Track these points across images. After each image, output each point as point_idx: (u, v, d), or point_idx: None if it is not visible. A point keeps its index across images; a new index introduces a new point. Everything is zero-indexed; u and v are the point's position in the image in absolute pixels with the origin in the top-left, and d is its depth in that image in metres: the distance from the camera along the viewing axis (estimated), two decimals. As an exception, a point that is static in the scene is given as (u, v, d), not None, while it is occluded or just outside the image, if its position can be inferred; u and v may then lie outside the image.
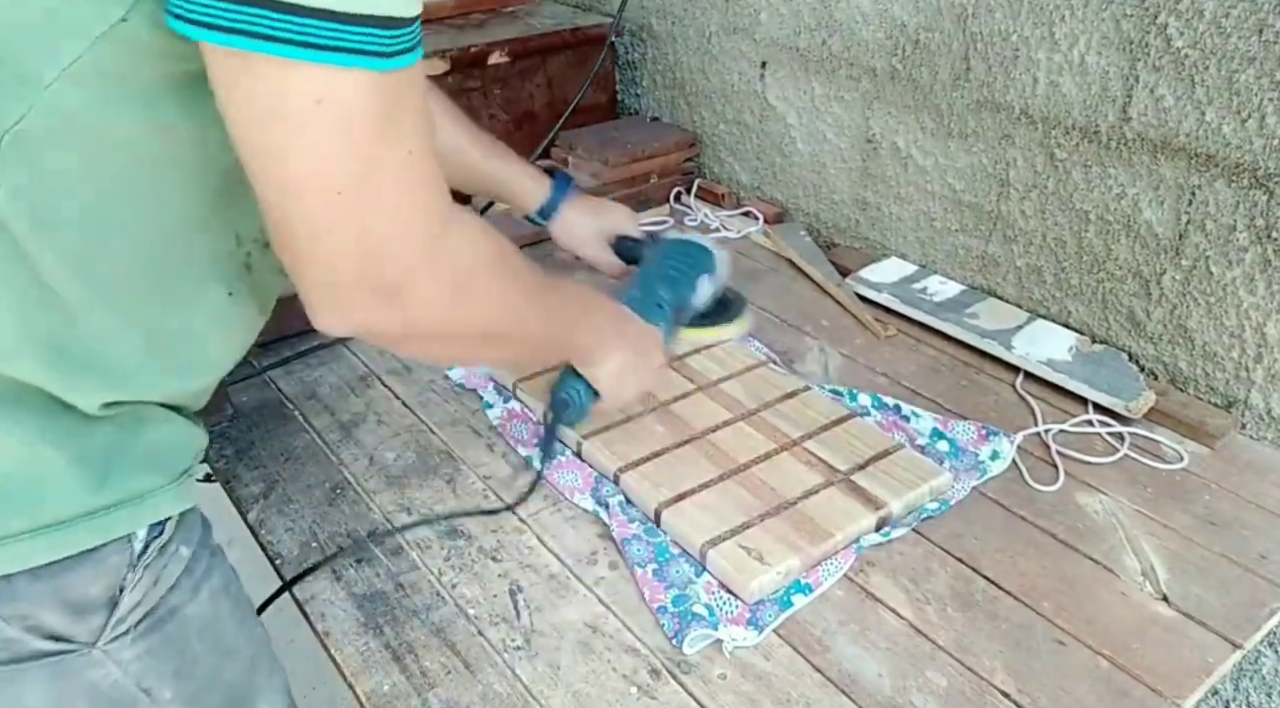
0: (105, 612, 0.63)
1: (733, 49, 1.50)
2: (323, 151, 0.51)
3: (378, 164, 0.53)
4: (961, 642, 0.77)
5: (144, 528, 0.64)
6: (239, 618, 0.73)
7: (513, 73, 1.56)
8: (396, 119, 0.52)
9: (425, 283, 0.58)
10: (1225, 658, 0.76)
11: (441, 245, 0.58)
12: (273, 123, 0.50)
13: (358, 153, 0.51)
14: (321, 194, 0.52)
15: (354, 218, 0.53)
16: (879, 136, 1.32)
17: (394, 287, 0.57)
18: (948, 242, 1.28)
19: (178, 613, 0.67)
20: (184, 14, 0.47)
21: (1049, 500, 0.92)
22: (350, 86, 0.49)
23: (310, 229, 0.53)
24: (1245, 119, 0.94)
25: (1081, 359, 1.10)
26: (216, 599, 0.71)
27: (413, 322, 0.60)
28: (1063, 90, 1.08)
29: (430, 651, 0.77)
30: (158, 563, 0.65)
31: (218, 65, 0.49)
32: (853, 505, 0.87)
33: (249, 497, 0.94)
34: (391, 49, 0.50)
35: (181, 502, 0.67)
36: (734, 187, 1.59)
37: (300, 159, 0.51)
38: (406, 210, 0.55)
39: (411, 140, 0.54)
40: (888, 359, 1.15)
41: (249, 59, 0.47)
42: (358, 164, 0.52)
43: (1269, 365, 1.00)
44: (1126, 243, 1.08)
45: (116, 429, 0.62)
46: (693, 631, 0.77)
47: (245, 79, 0.49)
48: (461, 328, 0.66)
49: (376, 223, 0.54)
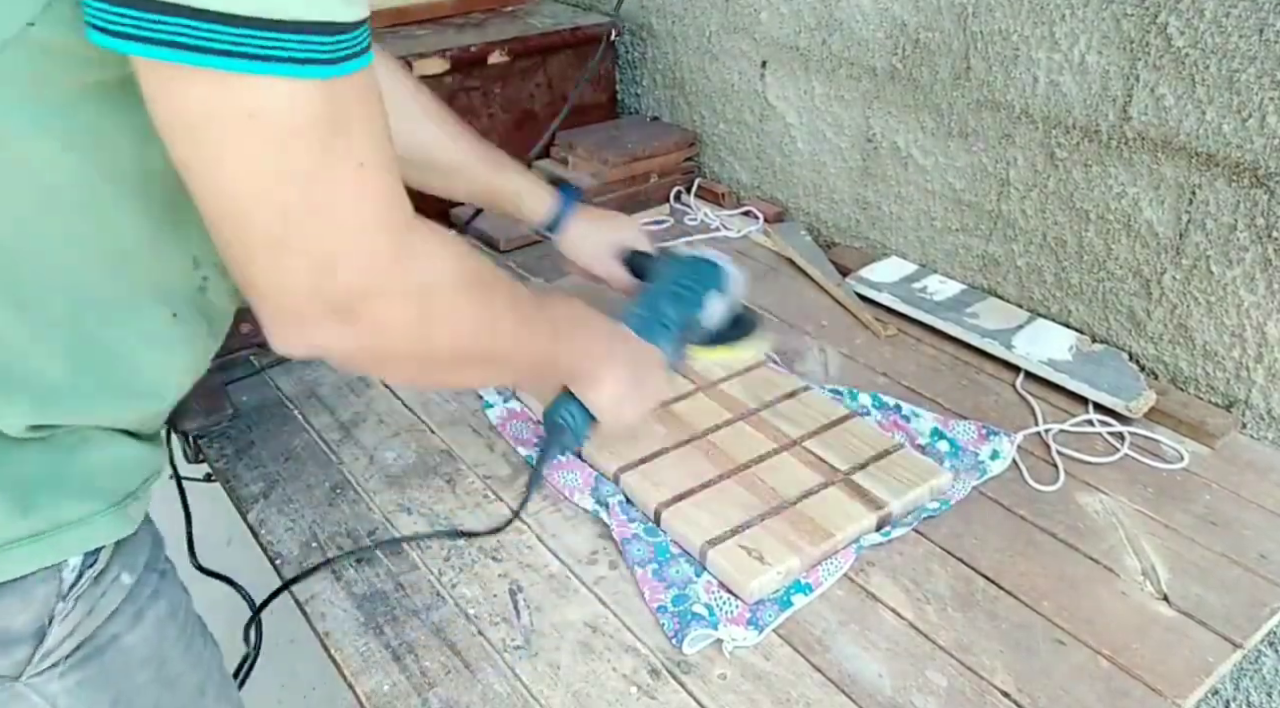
0: (31, 644, 0.59)
1: (733, 48, 1.50)
2: (262, 167, 0.48)
3: (324, 178, 0.49)
4: (961, 642, 0.77)
5: (77, 556, 0.60)
6: (186, 643, 0.70)
7: (512, 72, 1.56)
8: (343, 130, 0.49)
9: (383, 303, 0.55)
10: (1225, 658, 0.76)
11: (400, 263, 0.55)
12: (206, 138, 0.47)
13: (300, 167, 0.48)
14: (265, 211, 0.49)
15: (302, 236, 0.50)
16: (879, 136, 1.32)
17: (349, 307, 0.54)
18: (948, 241, 1.28)
19: (117, 642, 0.64)
20: (104, 25, 0.44)
21: (1049, 500, 0.92)
22: (286, 97, 0.46)
23: (257, 248, 0.50)
24: (1246, 118, 0.94)
25: (1082, 359, 1.09)
26: (162, 626, 0.68)
27: (374, 343, 0.57)
28: (1063, 90, 1.08)
29: (430, 650, 0.77)
30: (93, 592, 0.62)
31: (145, 77, 0.46)
32: (853, 505, 0.87)
33: (249, 496, 0.94)
34: (332, 55, 0.46)
35: (121, 528, 0.63)
36: (734, 186, 1.59)
37: (239, 176, 0.48)
38: (360, 227, 0.52)
39: (363, 151, 0.51)
40: (888, 359, 1.15)
41: (177, 71, 0.44)
42: (301, 179, 0.49)
43: (1269, 365, 1.00)
44: (1127, 242, 1.08)
45: (45, 453, 0.59)
46: (693, 630, 0.77)
47: (174, 92, 0.46)
48: (430, 349, 0.62)
49: (327, 240, 0.51)
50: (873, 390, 1.07)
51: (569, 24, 1.63)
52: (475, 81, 1.53)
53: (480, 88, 1.54)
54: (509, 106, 1.58)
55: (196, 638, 0.73)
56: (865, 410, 1.04)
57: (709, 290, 1.00)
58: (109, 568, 0.63)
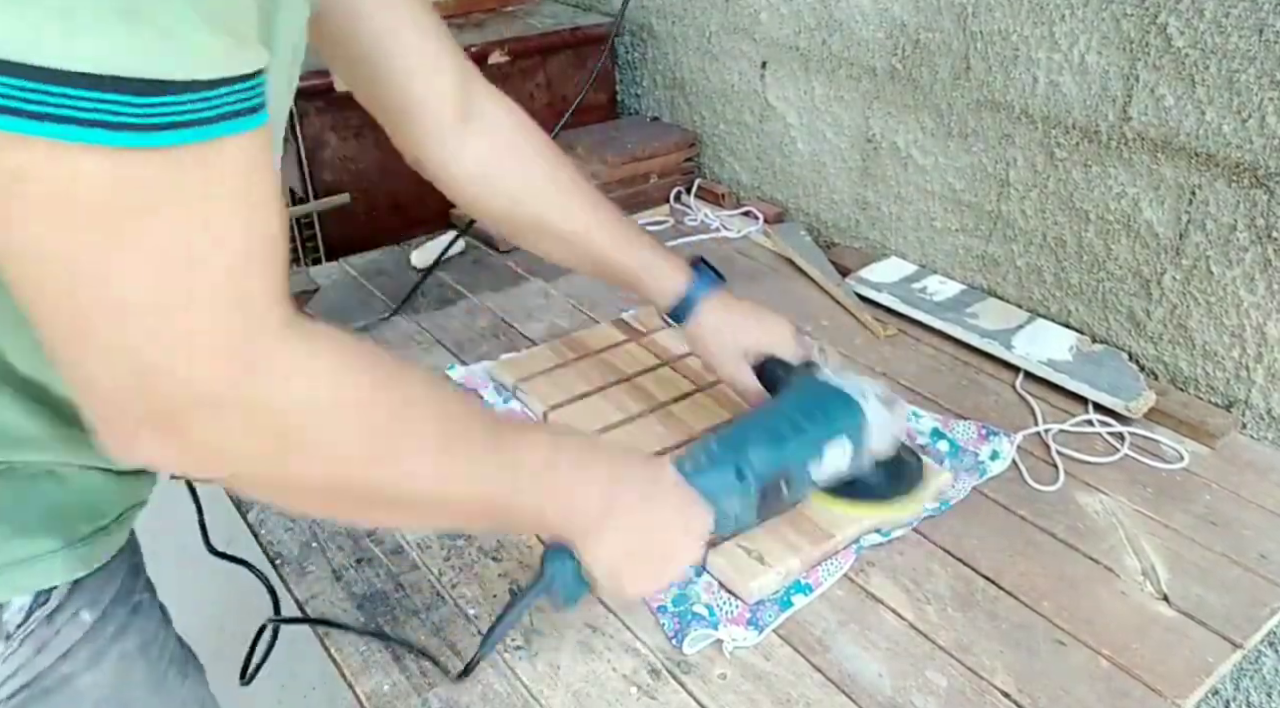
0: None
1: (733, 49, 1.50)
2: (43, 246, 0.39)
3: (123, 268, 0.40)
4: (961, 642, 0.77)
5: (25, 596, 0.57)
6: (157, 682, 0.67)
7: (513, 72, 1.56)
8: (156, 212, 0.40)
9: (217, 421, 0.45)
10: (1226, 658, 0.76)
11: (246, 377, 0.45)
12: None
13: (84, 251, 0.39)
14: (54, 297, 0.41)
15: (107, 332, 0.41)
16: (879, 136, 1.32)
17: (173, 423, 0.44)
18: (948, 241, 1.28)
19: (70, 684, 0.61)
20: None
21: (1049, 500, 0.92)
22: (64, 163, 0.37)
23: (57, 339, 0.42)
24: (1245, 118, 0.94)
25: (1081, 359, 1.09)
26: (127, 665, 0.64)
27: (212, 466, 0.47)
28: (1063, 90, 1.08)
29: (430, 651, 0.77)
30: (44, 631, 0.59)
31: None
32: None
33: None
34: (143, 121, 0.37)
35: (78, 568, 0.59)
36: (734, 186, 1.59)
37: (17, 250, 0.40)
38: (188, 330, 0.42)
39: (198, 242, 0.41)
40: (888, 359, 1.15)
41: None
42: (89, 266, 0.40)
43: (1269, 365, 1.00)
44: (1127, 242, 1.08)
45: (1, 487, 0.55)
46: (693, 631, 0.77)
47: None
48: (295, 480, 0.51)
49: (137, 340, 0.42)
50: (873, 391, 1.07)
51: (569, 24, 1.63)
52: (475, 82, 1.53)
53: (480, 88, 1.54)
54: (509, 107, 1.58)
55: (171, 675, 0.69)
56: (865, 411, 1.04)
57: (833, 436, 0.76)
58: (65, 605, 0.60)
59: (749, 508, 0.73)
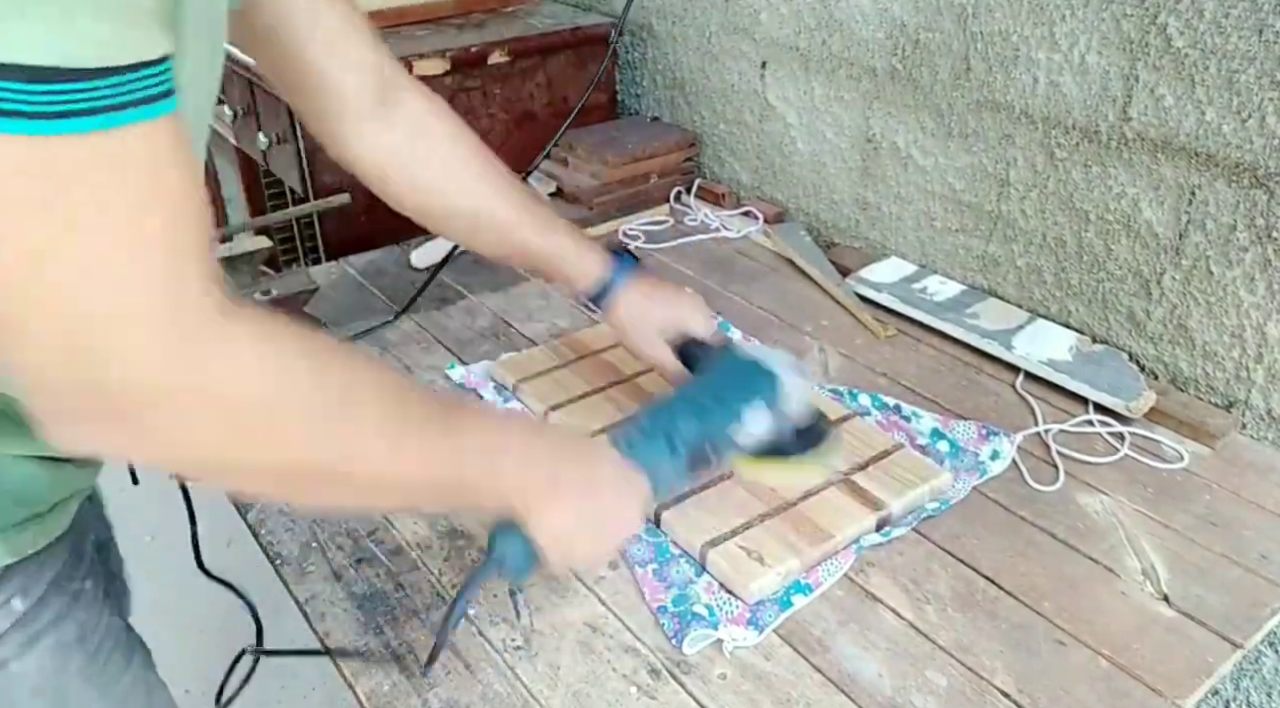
0: None
1: (733, 49, 1.50)
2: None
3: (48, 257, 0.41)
4: (961, 642, 0.77)
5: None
6: (96, 671, 0.67)
7: (513, 72, 1.56)
8: (77, 199, 0.40)
9: (159, 408, 0.45)
10: (1226, 658, 0.76)
11: (184, 364, 0.45)
12: None
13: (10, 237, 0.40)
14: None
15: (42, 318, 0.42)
16: (879, 136, 1.32)
17: (117, 408, 0.45)
18: (948, 241, 1.28)
19: (2, 669, 0.61)
20: None
21: (1049, 500, 0.92)
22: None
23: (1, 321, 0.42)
24: (1245, 119, 0.94)
25: (1082, 359, 1.10)
26: (64, 653, 0.64)
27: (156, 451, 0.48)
28: (1063, 90, 1.08)
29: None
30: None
31: None
32: (853, 506, 0.87)
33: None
34: (46, 109, 0.38)
35: (6, 555, 0.59)
36: (734, 186, 1.59)
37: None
38: (122, 316, 0.43)
39: (120, 227, 0.42)
40: (888, 359, 1.15)
41: None
42: (12, 251, 0.40)
43: (1269, 365, 1.00)
44: (1127, 243, 1.08)
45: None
46: (693, 631, 0.77)
47: None
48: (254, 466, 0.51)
49: (71, 327, 0.42)
50: (872, 391, 1.07)
51: (569, 24, 1.63)
52: (475, 82, 1.53)
53: (480, 88, 1.54)
54: (509, 107, 1.58)
55: (114, 666, 0.69)
56: (865, 411, 1.04)
57: (751, 402, 0.81)
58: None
59: (680, 475, 0.78)
